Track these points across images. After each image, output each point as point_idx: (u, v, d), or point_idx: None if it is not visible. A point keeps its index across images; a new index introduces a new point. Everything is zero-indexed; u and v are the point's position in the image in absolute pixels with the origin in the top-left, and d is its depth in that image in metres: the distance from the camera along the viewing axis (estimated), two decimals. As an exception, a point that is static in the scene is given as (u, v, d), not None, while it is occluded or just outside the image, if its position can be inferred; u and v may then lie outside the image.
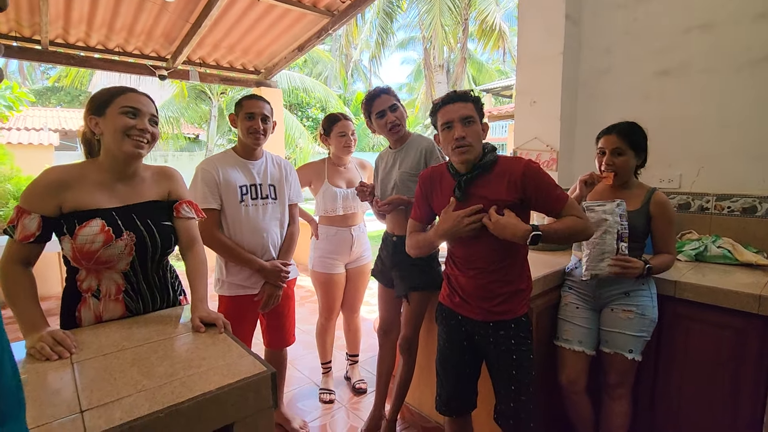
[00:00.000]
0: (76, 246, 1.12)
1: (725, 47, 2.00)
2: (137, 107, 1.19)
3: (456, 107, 1.33)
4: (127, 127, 1.16)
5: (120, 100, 1.17)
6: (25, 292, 1.10)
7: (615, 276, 1.54)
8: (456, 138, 1.31)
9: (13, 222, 1.11)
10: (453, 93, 1.38)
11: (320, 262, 2.29)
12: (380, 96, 1.80)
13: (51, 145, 9.14)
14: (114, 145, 1.17)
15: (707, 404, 1.63)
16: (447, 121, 1.34)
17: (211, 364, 0.94)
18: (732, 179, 2.02)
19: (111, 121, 1.16)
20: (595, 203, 1.60)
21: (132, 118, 1.17)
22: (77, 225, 1.12)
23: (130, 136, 1.17)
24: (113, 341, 1.06)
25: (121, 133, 1.16)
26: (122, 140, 1.17)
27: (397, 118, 1.81)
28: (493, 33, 10.24)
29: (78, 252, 1.13)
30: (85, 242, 1.12)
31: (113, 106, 1.17)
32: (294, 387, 2.52)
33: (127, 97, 1.19)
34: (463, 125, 1.31)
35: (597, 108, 2.43)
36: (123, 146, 1.17)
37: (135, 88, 1.23)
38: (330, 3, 3.62)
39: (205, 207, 1.66)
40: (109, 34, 3.73)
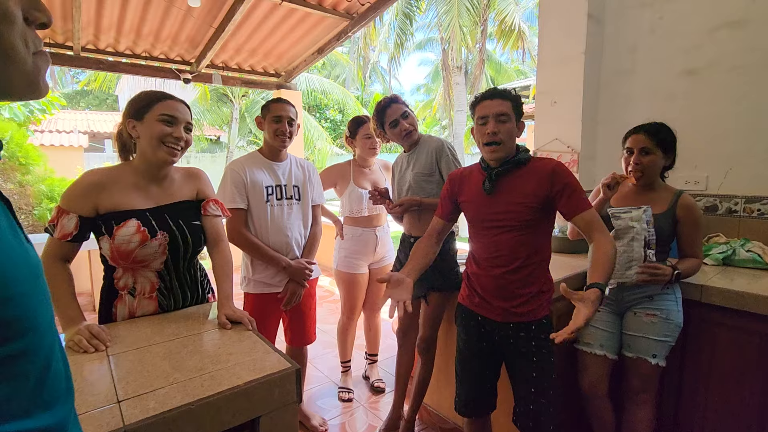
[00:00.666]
0: (114, 246, 1.18)
1: (756, 45, 1.94)
2: (175, 115, 1.22)
3: (494, 103, 1.34)
4: (164, 134, 1.21)
5: (159, 107, 1.21)
6: (64, 288, 1.15)
7: (643, 283, 1.52)
8: (488, 133, 1.33)
9: (53, 221, 1.17)
10: (493, 89, 1.39)
11: (345, 262, 2.33)
12: (391, 106, 1.83)
13: (81, 146, 9.48)
14: (149, 150, 1.22)
15: (734, 414, 1.58)
16: (482, 115, 1.35)
17: (238, 359, 0.98)
18: (762, 181, 1.95)
19: (149, 127, 1.21)
20: (621, 210, 1.57)
21: (169, 126, 1.21)
22: (114, 225, 1.18)
23: (165, 143, 1.22)
24: (145, 336, 1.10)
25: (157, 140, 1.21)
26: (158, 147, 1.21)
27: (410, 125, 1.84)
28: (513, 33, 10.13)
29: (116, 251, 1.19)
30: (122, 242, 1.18)
31: (152, 112, 1.21)
32: (313, 385, 2.55)
33: (166, 104, 1.22)
34: (497, 122, 1.33)
35: (620, 109, 2.39)
36: (158, 153, 1.22)
37: (173, 95, 1.27)
38: (349, 6, 3.66)
39: (233, 206, 1.72)
40: (137, 39, 3.86)
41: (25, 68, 0.46)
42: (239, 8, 3.23)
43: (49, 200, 4.52)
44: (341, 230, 2.38)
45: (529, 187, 1.33)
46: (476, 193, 1.43)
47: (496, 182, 1.38)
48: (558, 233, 2.18)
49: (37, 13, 0.47)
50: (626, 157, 1.64)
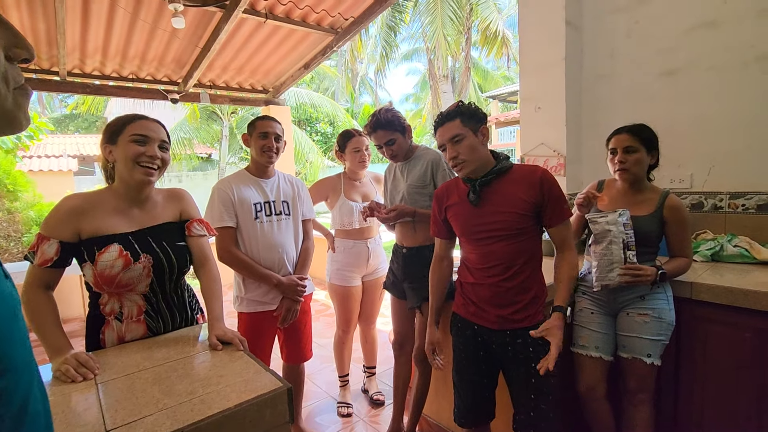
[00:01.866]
0: (97, 271, 1.17)
1: (730, 45, 1.99)
2: (146, 134, 1.22)
3: (443, 129, 1.39)
4: (137, 154, 1.19)
5: (130, 128, 1.21)
6: (48, 317, 1.13)
7: (626, 285, 1.54)
8: (451, 158, 1.39)
9: (33, 248, 1.16)
10: (439, 116, 1.42)
11: (338, 275, 2.32)
12: (377, 131, 1.82)
13: (70, 170, 9.44)
14: (126, 172, 1.21)
15: (731, 408, 1.58)
16: (440, 144, 1.42)
17: (228, 381, 0.96)
18: (745, 176, 1.99)
19: (122, 149, 1.20)
20: (598, 215, 1.60)
21: (141, 146, 1.20)
22: (96, 251, 1.17)
23: (140, 163, 1.20)
24: (134, 361, 1.09)
25: (131, 161, 1.20)
26: (133, 168, 1.20)
27: (393, 151, 1.84)
28: (496, 40, 10.30)
29: (99, 277, 1.18)
30: (105, 267, 1.17)
31: (124, 134, 1.21)
32: (312, 401, 2.52)
33: (137, 124, 1.22)
34: (453, 145, 1.37)
35: (602, 112, 2.43)
36: (134, 174, 1.21)
37: (145, 115, 1.26)
38: (333, 21, 3.71)
39: (222, 225, 1.72)
40: (122, 62, 3.88)
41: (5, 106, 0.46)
42: (224, 27, 3.26)
43: (38, 226, 4.48)
44: (333, 243, 2.37)
45: (518, 195, 1.35)
46: (462, 205, 1.45)
47: (481, 193, 1.39)
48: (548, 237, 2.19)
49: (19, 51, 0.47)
50: (611, 158, 1.66)
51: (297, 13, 3.47)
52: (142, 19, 3.19)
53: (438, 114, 1.44)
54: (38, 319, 1.12)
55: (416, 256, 1.82)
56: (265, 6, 3.30)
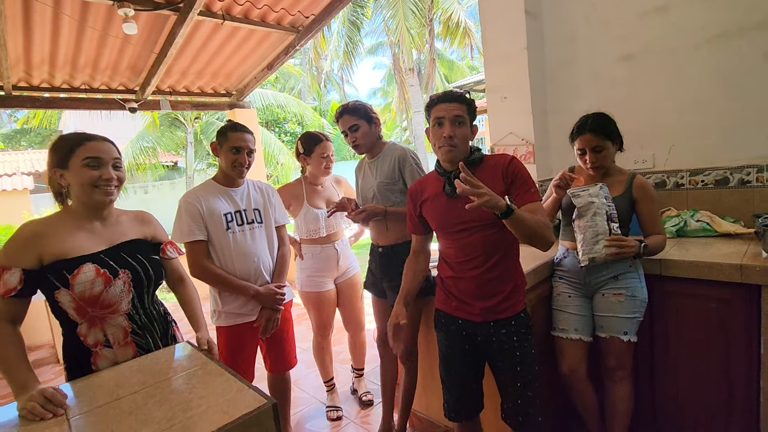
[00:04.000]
0: (76, 295, 1.14)
1: (682, 27, 2.06)
2: (99, 156, 1.20)
3: (451, 106, 1.37)
4: (93, 179, 1.19)
5: (81, 152, 1.18)
6: (13, 352, 1.08)
7: (612, 257, 1.56)
8: (444, 136, 1.35)
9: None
10: (450, 92, 1.41)
11: (309, 282, 2.27)
12: (343, 116, 1.84)
13: (25, 189, 8.94)
14: (84, 195, 1.20)
15: (704, 377, 1.66)
16: (439, 117, 1.37)
17: (210, 402, 0.93)
18: (703, 154, 2.08)
19: (76, 174, 1.18)
20: (579, 189, 1.63)
21: (95, 170, 1.19)
22: (68, 274, 1.13)
23: (98, 187, 1.20)
24: (107, 391, 1.04)
25: (88, 186, 1.19)
26: (92, 192, 1.20)
27: (357, 138, 1.82)
28: (459, 31, 10.37)
29: (80, 300, 1.15)
30: (84, 289, 1.14)
31: (75, 158, 1.18)
32: (300, 408, 2.49)
33: (88, 147, 1.19)
34: (453, 125, 1.36)
35: (567, 98, 2.48)
36: (93, 196, 1.20)
37: (93, 135, 1.24)
38: (294, 19, 3.63)
39: (192, 240, 1.66)
40: (73, 72, 3.68)
41: None
42: (179, 31, 3.14)
43: (-6, 251, 4.23)
44: (300, 250, 2.31)
45: (491, 183, 1.34)
46: (437, 199, 1.44)
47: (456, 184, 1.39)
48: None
49: None
50: (581, 156, 1.68)
51: (255, 12, 3.37)
52: (90, 26, 3.03)
53: (447, 90, 1.43)
54: (3, 355, 1.07)
55: (392, 254, 1.82)
56: (222, 7, 3.20)
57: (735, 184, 1.99)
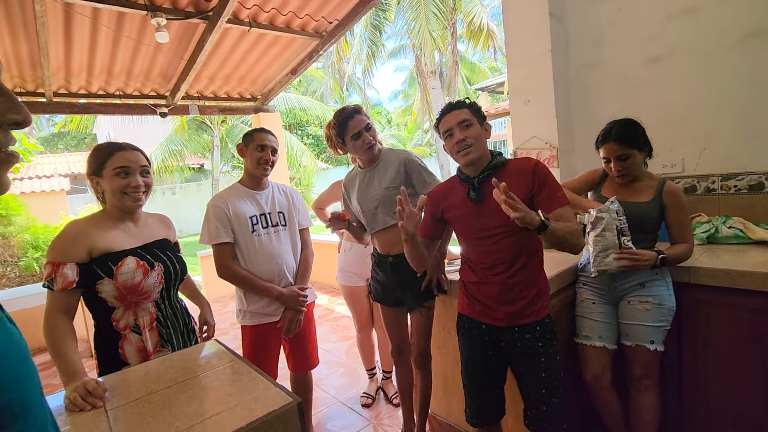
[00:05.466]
0: (120, 283, 1.27)
1: (711, 28, 2.01)
2: (128, 165, 1.32)
3: (453, 115, 1.41)
4: (122, 187, 1.32)
5: (111, 162, 1.31)
6: (67, 343, 1.19)
7: (625, 269, 1.54)
8: (457, 141, 1.38)
9: (50, 276, 1.21)
10: (447, 105, 1.45)
11: (341, 275, 2.45)
12: (354, 117, 1.74)
13: (62, 190, 9.37)
14: (116, 201, 1.33)
15: (736, 389, 1.61)
16: (447, 129, 1.41)
17: (238, 399, 0.97)
18: (735, 158, 2.01)
19: (108, 182, 1.31)
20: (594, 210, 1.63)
21: (124, 178, 1.32)
22: (112, 266, 1.26)
23: (127, 194, 1.32)
24: (142, 385, 1.09)
25: (119, 192, 1.32)
26: (122, 198, 1.32)
27: (372, 137, 1.77)
28: (482, 33, 10.29)
29: (123, 288, 1.28)
30: (127, 278, 1.28)
31: (107, 168, 1.31)
32: (321, 408, 2.53)
33: (117, 157, 1.32)
34: (461, 129, 1.38)
35: (592, 101, 2.44)
36: (124, 202, 1.33)
37: (124, 145, 1.36)
38: (318, 25, 3.70)
39: (219, 242, 1.72)
40: (108, 79, 3.86)
41: None
42: (208, 39, 3.25)
43: (34, 249, 4.46)
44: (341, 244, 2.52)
45: (515, 188, 1.34)
46: (463, 206, 1.44)
47: (480, 190, 1.40)
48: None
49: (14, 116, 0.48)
50: (606, 164, 1.67)
51: (281, 19, 3.46)
52: (125, 35, 3.17)
53: (445, 104, 1.46)
54: (58, 345, 1.18)
55: (405, 262, 1.69)
56: (248, 14, 3.30)
57: (770, 190, 1.91)
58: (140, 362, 1.30)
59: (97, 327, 1.33)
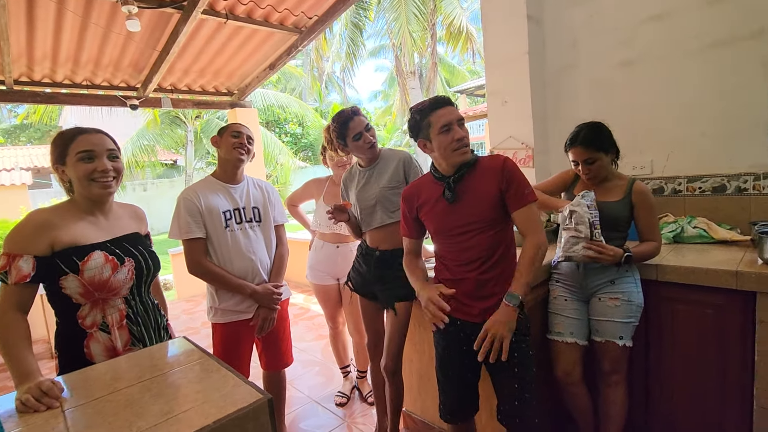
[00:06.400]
0: (86, 279, 1.18)
1: (679, 35, 2.08)
2: (91, 149, 1.22)
3: (449, 111, 1.39)
4: (88, 172, 1.21)
5: (74, 146, 1.21)
6: (20, 341, 1.10)
7: (590, 260, 1.59)
8: (458, 139, 1.37)
9: (4, 268, 1.12)
10: (442, 98, 1.42)
11: (311, 273, 2.47)
12: (353, 118, 1.76)
13: (24, 184, 8.94)
14: (83, 189, 1.23)
15: (698, 382, 1.67)
16: (447, 123, 1.37)
17: (206, 396, 0.93)
18: (700, 160, 2.09)
19: (72, 169, 1.21)
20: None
21: (90, 162, 1.21)
22: (78, 261, 1.17)
23: (94, 180, 1.22)
24: (104, 383, 1.04)
25: (84, 179, 1.21)
26: (89, 185, 1.22)
27: (372, 137, 1.80)
28: (461, 35, 10.41)
29: (89, 284, 1.19)
30: (94, 274, 1.19)
31: (70, 154, 1.21)
32: (295, 407, 2.49)
33: (80, 141, 1.22)
34: (460, 126, 1.38)
35: (567, 103, 2.49)
36: (92, 190, 1.23)
37: (86, 128, 1.27)
38: (297, 20, 3.65)
39: (190, 237, 1.66)
40: (75, 68, 3.69)
41: None
42: (182, 29, 3.15)
43: (-8, 245, 4.22)
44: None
45: (487, 186, 1.38)
46: (437, 204, 1.45)
47: (456, 189, 1.40)
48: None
49: None
50: (575, 168, 1.72)
51: (259, 12, 3.39)
52: (93, 22, 3.04)
53: (438, 97, 1.43)
54: (10, 343, 1.09)
55: (391, 258, 1.78)
56: (225, 6, 3.22)
57: (732, 192, 2.00)
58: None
59: (60, 325, 1.24)
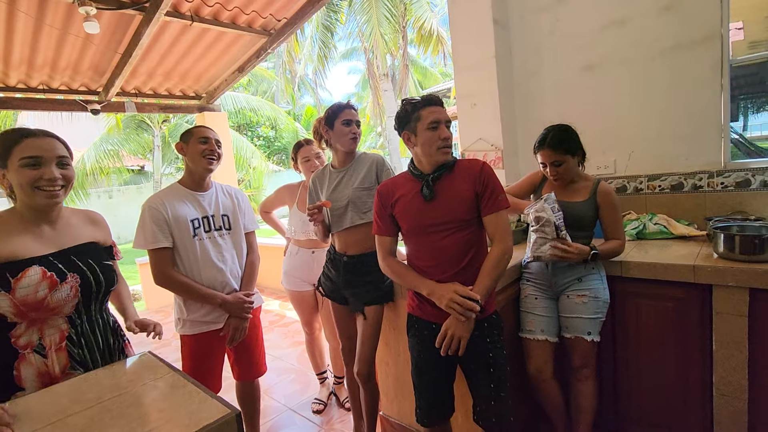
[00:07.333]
0: (18, 299, 1.07)
1: (638, 40, 2.17)
2: (39, 155, 1.11)
3: (442, 110, 1.42)
4: (32, 179, 1.10)
5: (18, 150, 1.10)
6: None
7: (557, 259, 1.63)
8: (443, 138, 1.40)
9: None
10: (436, 97, 1.45)
11: (286, 279, 2.42)
12: (350, 109, 1.82)
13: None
14: (26, 197, 1.12)
15: (662, 373, 1.73)
16: (435, 120, 1.39)
17: (170, 415, 0.90)
18: (659, 160, 2.18)
19: (15, 175, 1.11)
20: (528, 207, 1.72)
21: (35, 169, 1.11)
22: (11, 278, 1.06)
23: (39, 188, 1.11)
24: (61, 407, 0.98)
25: (29, 187, 1.10)
26: (33, 193, 1.12)
27: (358, 132, 1.82)
28: (432, 38, 10.51)
29: (22, 305, 1.07)
30: (28, 293, 1.08)
31: (12, 158, 1.10)
32: (271, 417, 2.44)
33: (24, 145, 1.11)
34: (447, 127, 1.42)
35: (534, 105, 2.55)
36: (36, 199, 1.12)
37: (32, 131, 1.15)
38: (266, 23, 3.60)
39: (156, 247, 1.60)
40: (29, 71, 3.51)
41: None
42: (145, 31, 3.05)
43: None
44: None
45: (464, 187, 1.40)
46: (413, 201, 1.45)
47: (434, 187, 1.41)
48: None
49: None
50: (543, 170, 1.77)
51: (225, 14, 3.33)
52: (48, 24, 2.91)
53: (431, 95, 1.46)
54: None
55: (359, 263, 1.78)
56: (190, 8, 3.13)
57: (689, 189, 2.10)
58: (40, 388, 1.10)
59: None
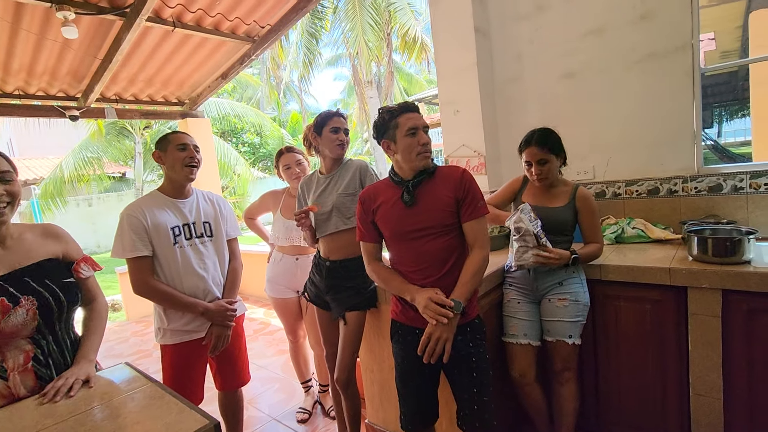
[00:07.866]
0: None
1: (616, 48, 2.23)
2: None
3: (418, 117, 1.44)
4: None
5: None
6: None
7: (540, 265, 1.66)
8: (423, 143, 1.41)
9: None
10: (412, 104, 1.48)
11: (269, 286, 2.41)
12: (339, 117, 1.83)
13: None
14: None
15: (641, 374, 1.77)
16: (413, 126, 1.41)
17: (147, 427, 0.88)
18: (636, 166, 2.24)
19: None
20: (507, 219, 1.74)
21: None
22: None
23: None
24: (32, 421, 0.95)
25: None
26: None
27: (346, 140, 1.84)
28: (416, 45, 10.62)
29: None
30: None
31: None
32: (255, 427, 2.40)
33: None
34: (425, 132, 1.43)
35: (515, 112, 2.60)
36: None
37: None
38: (249, 29, 3.59)
39: (136, 255, 1.57)
40: (5, 77, 3.43)
41: None
42: (126, 37, 3.01)
43: None
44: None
45: (445, 193, 1.41)
46: (394, 207, 1.45)
47: (414, 193, 1.42)
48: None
49: None
50: (528, 168, 1.79)
51: (208, 21, 3.30)
52: (25, 29, 2.85)
53: (408, 102, 1.49)
54: None
55: (340, 268, 1.78)
56: (172, 14, 3.10)
57: (664, 194, 2.15)
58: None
59: None
